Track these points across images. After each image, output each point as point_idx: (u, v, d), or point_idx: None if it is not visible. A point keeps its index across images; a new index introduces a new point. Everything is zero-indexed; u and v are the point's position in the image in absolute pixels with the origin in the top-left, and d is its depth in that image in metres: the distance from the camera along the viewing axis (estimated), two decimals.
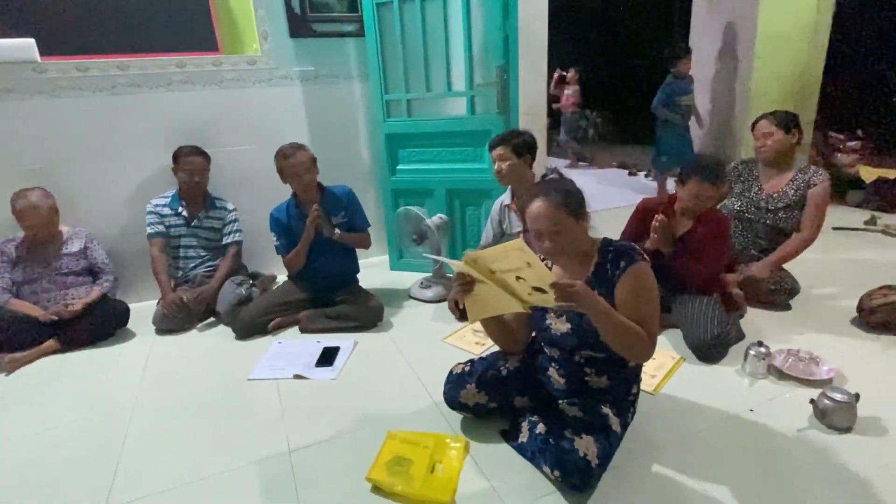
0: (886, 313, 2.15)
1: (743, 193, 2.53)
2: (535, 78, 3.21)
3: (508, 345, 1.65)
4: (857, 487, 1.36)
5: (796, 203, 2.38)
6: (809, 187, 2.35)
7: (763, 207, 2.45)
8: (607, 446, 1.36)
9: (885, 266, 2.77)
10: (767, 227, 2.47)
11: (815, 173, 2.37)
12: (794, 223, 2.41)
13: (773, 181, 2.45)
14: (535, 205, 1.36)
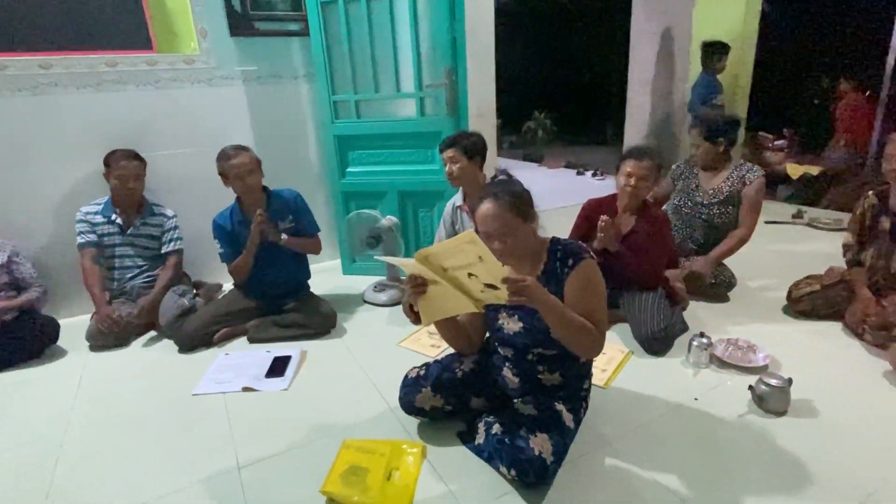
0: (812, 301, 2.30)
1: (683, 190, 2.68)
2: (483, 80, 3.24)
3: (463, 346, 1.65)
4: (792, 468, 1.44)
5: (730, 199, 2.52)
6: (744, 184, 2.49)
7: (699, 202, 2.59)
8: (561, 443, 1.38)
9: (811, 256, 2.97)
10: (703, 223, 2.61)
11: (750, 170, 2.52)
12: (727, 218, 2.55)
13: (709, 179, 2.61)
14: (483, 207, 1.36)
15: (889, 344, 1.93)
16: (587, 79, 9.63)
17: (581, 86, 9.90)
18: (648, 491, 1.37)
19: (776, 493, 1.35)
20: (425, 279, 1.36)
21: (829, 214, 3.94)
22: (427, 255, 1.28)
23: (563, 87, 10.28)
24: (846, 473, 1.40)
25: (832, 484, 1.37)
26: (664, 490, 1.37)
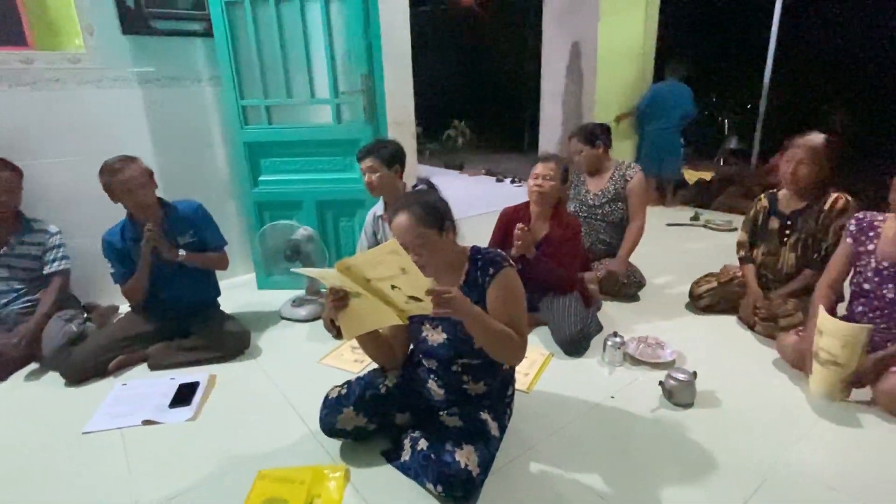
0: (710, 297, 2.50)
1: (576, 197, 2.85)
2: (401, 87, 3.22)
3: (387, 361, 1.60)
4: (699, 457, 1.54)
5: (618, 196, 2.73)
6: (626, 181, 2.71)
7: (592, 205, 2.78)
8: (487, 453, 1.38)
9: (709, 255, 3.23)
10: (603, 223, 2.79)
11: (629, 167, 2.75)
12: (621, 214, 2.75)
13: (595, 182, 2.82)
14: (396, 220, 1.34)
15: (776, 334, 2.13)
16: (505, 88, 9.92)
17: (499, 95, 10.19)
18: (572, 493, 1.40)
19: (686, 483, 1.43)
20: (347, 292, 1.31)
21: (722, 216, 4.32)
22: (349, 265, 1.23)
23: (481, 96, 10.53)
24: (746, 457, 1.52)
25: (734, 468, 1.48)
26: (587, 490, 1.40)
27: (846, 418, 1.69)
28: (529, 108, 8.54)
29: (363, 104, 2.62)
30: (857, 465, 1.48)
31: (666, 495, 1.38)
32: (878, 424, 1.65)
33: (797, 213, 2.23)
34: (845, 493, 1.37)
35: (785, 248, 2.27)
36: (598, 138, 2.74)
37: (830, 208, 2.15)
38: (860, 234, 1.88)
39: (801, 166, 2.14)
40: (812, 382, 1.81)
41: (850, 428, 1.65)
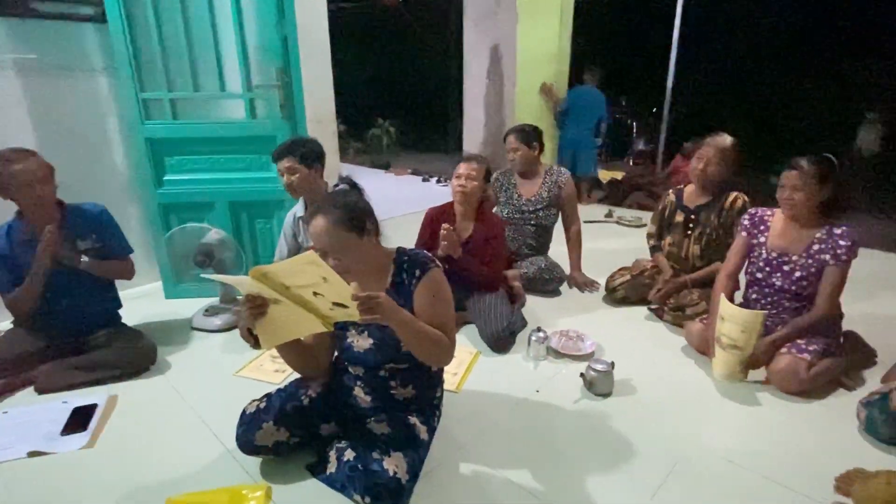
0: (625, 290, 2.64)
1: (507, 202, 2.87)
2: (320, 83, 3.11)
3: (310, 370, 1.53)
4: (619, 443, 1.61)
5: (552, 202, 2.79)
6: (559, 187, 2.77)
7: (526, 211, 2.81)
8: (416, 458, 1.35)
9: (622, 250, 3.41)
10: (534, 227, 2.84)
11: (560, 173, 2.83)
12: (553, 219, 2.83)
13: (527, 186, 2.85)
14: (313, 223, 1.27)
15: (684, 322, 2.29)
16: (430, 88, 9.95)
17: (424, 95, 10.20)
18: (501, 492, 1.41)
19: (608, 470, 1.49)
20: (265, 298, 1.22)
21: (632, 213, 4.60)
22: (265, 272, 1.15)
23: (406, 96, 10.49)
24: (661, 440, 1.61)
25: (651, 451, 1.56)
26: (516, 488, 1.42)
27: (746, 397, 1.84)
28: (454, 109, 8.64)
29: (279, 100, 2.50)
30: (757, 440, 1.62)
31: (590, 484, 1.43)
32: (773, 401, 1.82)
33: (700, 208, 2.41)
34: (747, 466, 1.49)
35: (689, 239, 2.44)
36: (534, 139, 2.78)
37: (731, 207, 2.34)
38: (753, 228, 2.06)
39: (710, 165, 2.32)
40: (715, 366, 1.96)
41: (750, 406, 1.80)
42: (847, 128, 6.55)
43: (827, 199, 1.86)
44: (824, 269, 1.87)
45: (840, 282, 1.86)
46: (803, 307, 1.94)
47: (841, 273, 1.85)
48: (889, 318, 2.44)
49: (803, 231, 1.92)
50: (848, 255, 1.83)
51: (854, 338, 2.07)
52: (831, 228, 1.87)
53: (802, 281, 1.91)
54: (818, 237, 1.89)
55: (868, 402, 1.64)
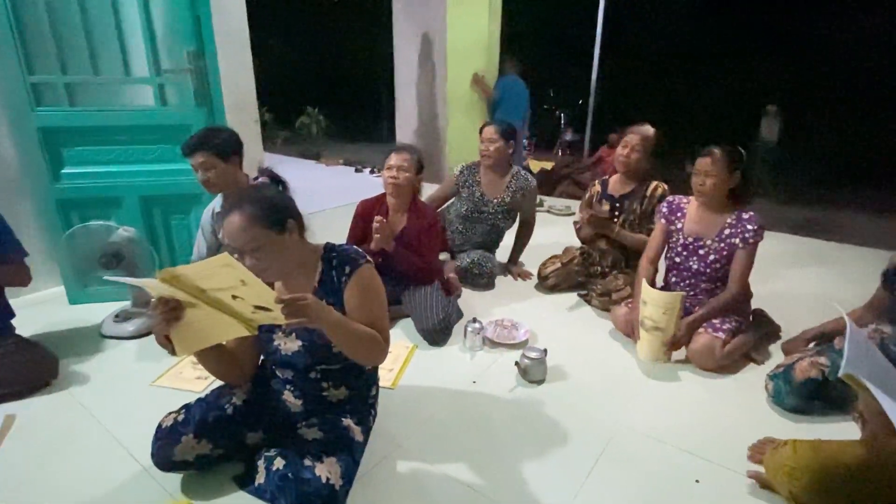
0: (556, 277, 2.71)
1: (469, 198, 2.82)
2: (239, 68, 2.92)
3: (233, 376, 1.43)
4: (553, 429, 1.64)
5: (513, 208, 2.80)
6: (523, 195, 2.76)
7: (486, 211, 2.79)
8: (351, 461, 1.30)
9: (553, 239, 3.50)
10: (488, 227, 2.83)
11: (526, 179, 2.80)
12: (510, 225, 2.86)
13: (492, 185, 2.79)
14: (227, 221, 1.18)
15: (610, 307, 2.38)
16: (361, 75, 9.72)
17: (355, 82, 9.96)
18: (440, 486, 1.40)
19: (543, 456, 1.51)
20: (179, 301, 1.12)
21: (562, 202, 4.74)
22: (176, 274, 1.05)
23: (336, 83, 10.19)
24: (592, 423, 1.66)
25: (583, 435, 1.61)
26: (454, 482, 1.41)
27: (669, 376, 1.94)
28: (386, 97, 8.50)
29: (193, 85, 2.32)
30: (679, 416, 1.71)
31: (526, 472, 1.45)
32: (693, 378, 1.94)
33: (624, 197, 2.51)
34: (671, 443, 1.58)
35: (616, 224, 2.55)
36: (512, 137, 2.72)
37: (652, 195, 2.45)
38: (670, 215, 2.17)
39: (634, 152, 2.42)
40: (640, 348, 2.05)
41: (672, 384, 1.90)
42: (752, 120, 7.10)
43: (735, 186, 1.99)
44: (735, 252, 2.00)
45: (749, 263, 2.00)
46: (717, 288, 2.07)
47: (749, 255, 1.99)
48: (791, 296, 2.67)
49: (715, 217, 2.05)
50: (755, 238, 1.97)
51: (761, 315, 2.24)
52: (740, 214, 2.01)
53: (716, 263, 2.04)
54: (728, 222, 2.02)
55: (774, 374, 1.78)
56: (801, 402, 1.69)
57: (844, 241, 3.73)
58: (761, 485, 1.37)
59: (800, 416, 1.70)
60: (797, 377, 1.69)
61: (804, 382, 1.68)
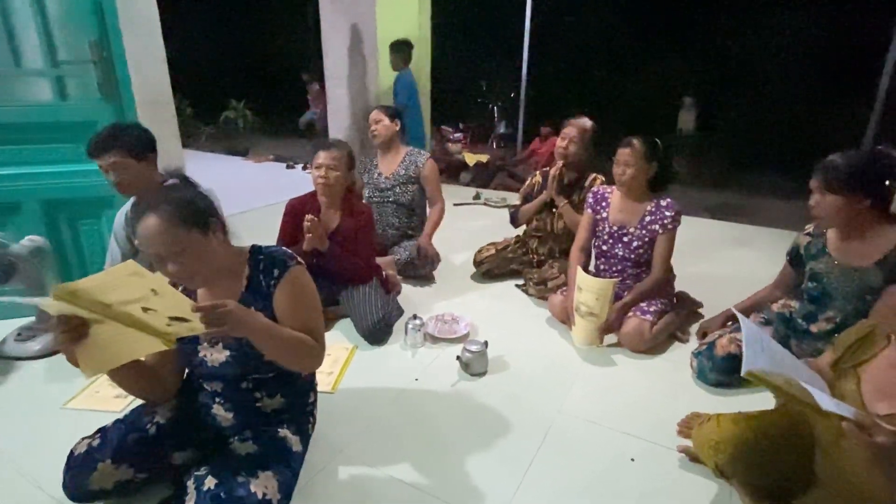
0: (490, 263, 2.75)
1: (369, 182, 2.84)
2: (152, 59, 2.70)
3: (155, 394, 1.33)
4: (495, 420, 1.66)
5: (409, 179, 2.78)
6: (418, 167, 2.77)
7: (384, 188, 2.79)
8: (289, 474, 1.25)
9: (489, 230, 3.54)
10: (393, 205, 2.80)
11: (420, 154, 2.83)
12: (411, 195, 2.79)
13: (387, 164, 2.82)
14: (143, 225, 1.09)
15: (547, 295, 2.44)
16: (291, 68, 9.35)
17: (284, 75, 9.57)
18: (384, 490, 1.37)
19: (486, 448, 1.53)
20: (84, 318, 1.02)
21: (498, 194, 4.80)
22: (74, 290, 0.96)
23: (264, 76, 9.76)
24: (533, 411, 1.70)
25: (525, 423, 1.63)
26: (398, 484, 1.39)
27: (603, 360, 2.02)
28: None
29: (97, 78, 2.12)
30: (614, 399, 1.78)
31: (469, 467, 1.45)
32: (625, 361, 2.02)
33: (564, 188, 2.57)
34: (607, 425, 1.64)
35: (554, 216, 2.61)
36: (396, 115, 2.76)
37: (590, 186, 2.52)
38: (596, 205, 2.25)
39: (572, 143, 2.48)
40: (575, 334, 2.12)
41: (606, 367, 1.98)
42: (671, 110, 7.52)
43: (654, 175, 2.09)
44: (656, 238, 2.11)
45: (669, 248, 2.11)
46: (643, 273, 2.18)
47: (669, 240, 2.10)
48: (710, 277, 2.85)
49: (637, 205, 2.15)
50: (673, 224, 2.08)
51: (684, 296, 2.37)
52: (658, 201, 2.12)
53: (639, 249, 2.14)
54: (649, 210, 2.12)
55: (698, 352, 1.89)
56: (723, 377, 1.81)
57: (756, 223, 4.04)
58: (690, 458, 1.46)
59: (723, 389, 1.81)
60: (718, 353, 1.81)
61: (725, 358, 1.80)
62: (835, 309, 1.71)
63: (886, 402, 1.04)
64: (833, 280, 1.69)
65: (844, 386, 1.13)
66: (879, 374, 1.09)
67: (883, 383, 1.07)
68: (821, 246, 1.75)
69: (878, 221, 1.59)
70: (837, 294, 1.69)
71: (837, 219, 1.61)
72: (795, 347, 1.79)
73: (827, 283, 1.71)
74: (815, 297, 1.77)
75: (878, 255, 1.58)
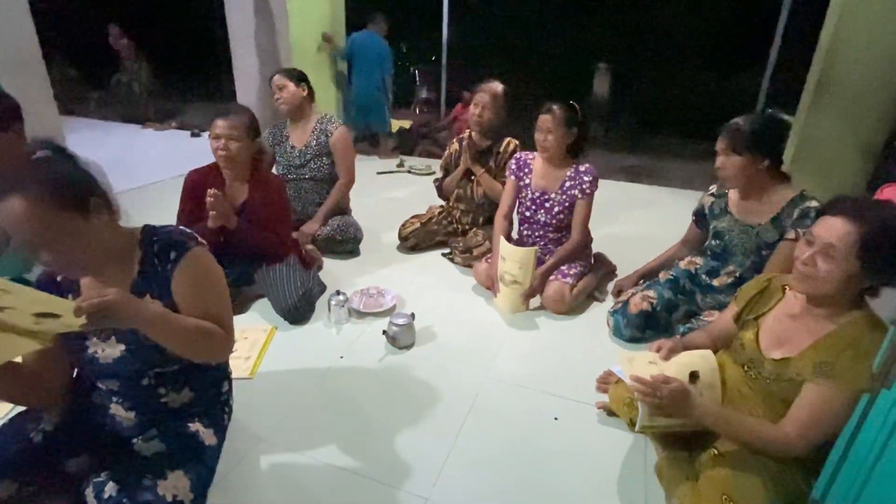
0: (415, 237, 2.70)
1: (281, 156, 2.63)
2: (11, 12, 2.32)
3: (37, 399, 1.17)
4: (425, 391, 1.65)
5: (321, 150, 2.58)
6: (328, 135, 2.58)
7: (297, 164, 2.60)
8: (203, 470, 1.16)
9: (414, 199, 3.49)
10: (311, 182, 2.62)
11: (330, 121, 2.61)
12: (328, 169, 2.62)
13: (298, 134, 2.61)
14: (5, 208, 0.93)
15: (472, 263, 2.45)
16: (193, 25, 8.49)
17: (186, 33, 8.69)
18: (309, 475, 1.33)
19: (417, 420, 1.52)
20: None
21: (422, 161, 4.72)
22: None
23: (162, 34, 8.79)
24: (461, 381, 1.71)
25: (454, 392, 1.64)
26: (325, 468, 1.35)
27: (527, 324, 2.06)
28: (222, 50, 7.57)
29: None
30: (537, 361, 1.84)
31: (399, 442, 1.44)
32: (548, 323, 2.08)
33: (481, 154, 2.55)
34: (532, 387, 1.68)
35: (473, 183, 2.59)
36: (300, 79, 2.54)
37: (505, 151, 2.52)
38: (519, 171, 2.25)
39: (486, 110, 2.43)
40: (499, 301, 2.15)
41: (531, 331, 2.03)
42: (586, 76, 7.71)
43: (574, 140, 2.12)
44: (575, 203, 2.16)
45: (587, 212, 2.17)
46: (563, 237, 2.23)
47: (587, 204, 2.16)
48: (624, 236, 2.99)
49: (557, 171, 2.17)
50: (591, 188, 2.14)
51: (600, 258, 2.47)
52: (577, 167, 2.16)
53: (560, 215, 2.18)
54: (568, 175, 2.16)
55: (614, 311, 1.98)
56: (637, 333, 1.92)
57: (664, 184, 4.29)
58: (608, 412, 1.54)
59: (637, 345, 1.92)
60: (632, 311, 1.91)
61: (638, 314, 1.90)
62: (735, 264, 1.84)
63: (780, 349, 1.14)
64: (734, 237, 1.82)
65: (745, 336, 1.22)
66: (775, 323, 1.18)
67: (778, 331, 1.16)
68: (723, 205, 1.87)
69: (773, 181, 1.71)
70: (737, 250, 1.82)
71: (741, 178, 1.70)
72: (700, 301, 1.92)
73: (728, 241, 1.84)
74: (717, 253, 1.90)
75: (773, 212, 1.71)
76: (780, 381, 1.11)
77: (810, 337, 1.09)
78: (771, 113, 1.78)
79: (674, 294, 1.93)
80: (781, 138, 1.71)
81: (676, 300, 1.93)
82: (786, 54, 4.31)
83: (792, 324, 1.14)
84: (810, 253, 1.06)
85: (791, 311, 1.16)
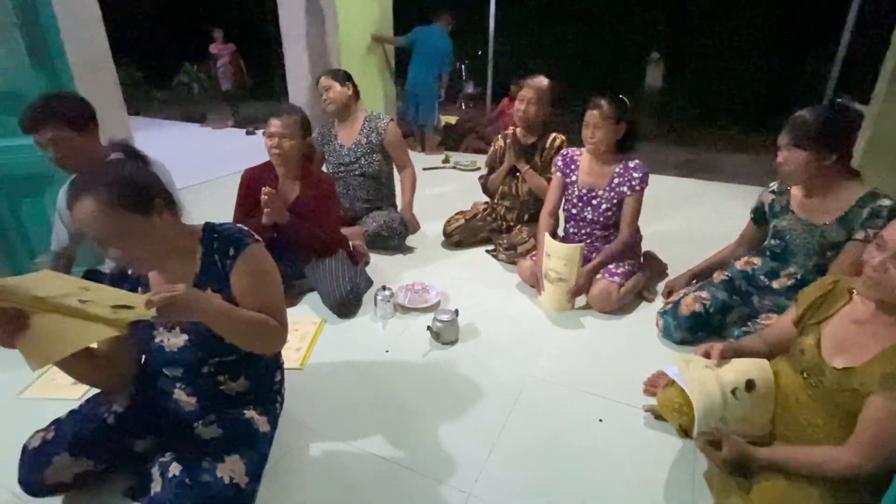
0: (459, 234, 2.71)
1: (330, 155, 2.71)
2: (86, 19, 2.48)
3: (111, 382, 1.27)
4: (467, 387, 1.67)
5: (373, 148, 2.64)
6: (380, 133, 2.63)
7: (348, 161, 2.66)
8: (257, 456, 1.23)
9: (460, 195, 3.50)
10: (360, 178, 2.69)
11: (379, 119, 2.67)
12: (378, 166, 2.67)
13: (347, 133, 2.68)
14: (77, 209, 1.01)
15: (517, 260, 2.44)
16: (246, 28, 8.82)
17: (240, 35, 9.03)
18: (356, 465, 1.37)
19: (458, 416, 1.54)
20: (21, 309, 0.95)
21: (468, 157, 4.72)
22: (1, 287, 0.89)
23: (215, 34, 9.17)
24: (504, 378, 1.71)
25: (496, 389, 1.65)
26: (371, 458, 1.39)
27: (572, 323, 2.04)
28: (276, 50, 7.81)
29: (24, 43, 1.94)
30: (582, 360, 1.81)
31: (443, 435, 1.46)
32: (593, 322, 2.05)
33: (525, 150, 2.53)
34: (575, 386, 1.66)
35: (518, 181, 2.57)
36: (349, 79, 2.60)
37: (551, 146, 2.48)
38: (565, 168, 2.22)
39: (530, 106, 2.41)
40: (544, 299, 2.13)
41: (575, 330, 2.00)
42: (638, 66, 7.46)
43: (622, 136, 2.06)
44: (624, 200, 2.10)
45: (637, 209, 2.12)
46: (611, 234, 2.18)
47: (637, 201, 2.10)
48: (676, 234, 2.89)
49: (605, 167, 2.13)
50: (641, 185, 2.08)
51: (650, 256, 2.40)
52: (626, 162, 2.10)
53: (608, 212, 2.14)
54: (617, 171, 2.10)
55: (664, 311, 1.93)
56: (688, 335, 1.85)
57: (720, 179, 4.10)
58: (656, 416, 1.50)
59: (687, 347, 1.85)
60: (683, 312, 1.84)
61: (689, 316, 1.83)
62: (796, 265, 1.75)
63: (843, 356, 1.08)
64: (796, 237, 1.72)
65: (805, 341, 1.16)
66: (839, 329, 1.11)
67: (841, 338, 1.10)
68: (784, 203, 1.77)
69: (840, 177, 1.61)
70: (799, 250, 1.73)
71: (804, 175, 1.61)
72: (757, 303, 1.83)
73: (790, 240, 1.75)
74: (777, 253, 1.80)
75: (840, 211, 1.61)
76: (843, 392, 1.05)
77: (878, 345, 1.02)
78: (840, 102, 1.67)
79: (728, 296, 1.85)
80: (851, 131, 1.60)
81: (731, 302, 1.85)
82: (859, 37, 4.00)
83: (858, 330, 1.07)
84: (881, 258, 0.99)
85: (857, 317, 1.09)
